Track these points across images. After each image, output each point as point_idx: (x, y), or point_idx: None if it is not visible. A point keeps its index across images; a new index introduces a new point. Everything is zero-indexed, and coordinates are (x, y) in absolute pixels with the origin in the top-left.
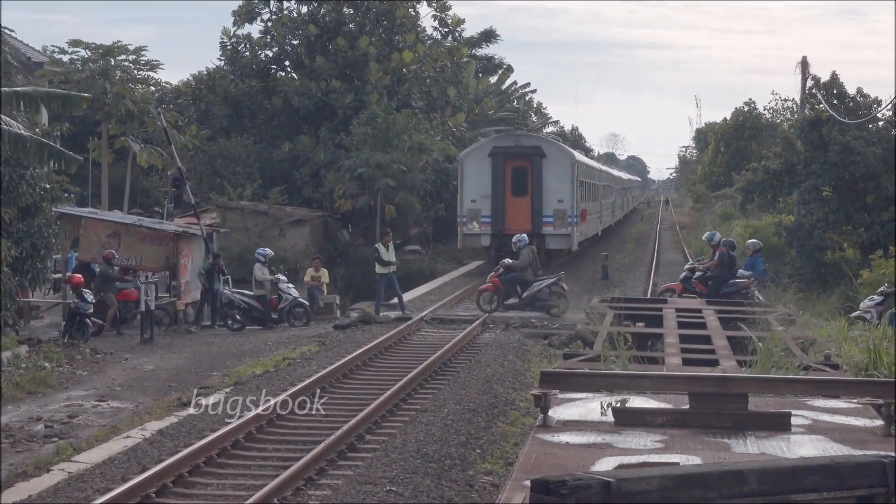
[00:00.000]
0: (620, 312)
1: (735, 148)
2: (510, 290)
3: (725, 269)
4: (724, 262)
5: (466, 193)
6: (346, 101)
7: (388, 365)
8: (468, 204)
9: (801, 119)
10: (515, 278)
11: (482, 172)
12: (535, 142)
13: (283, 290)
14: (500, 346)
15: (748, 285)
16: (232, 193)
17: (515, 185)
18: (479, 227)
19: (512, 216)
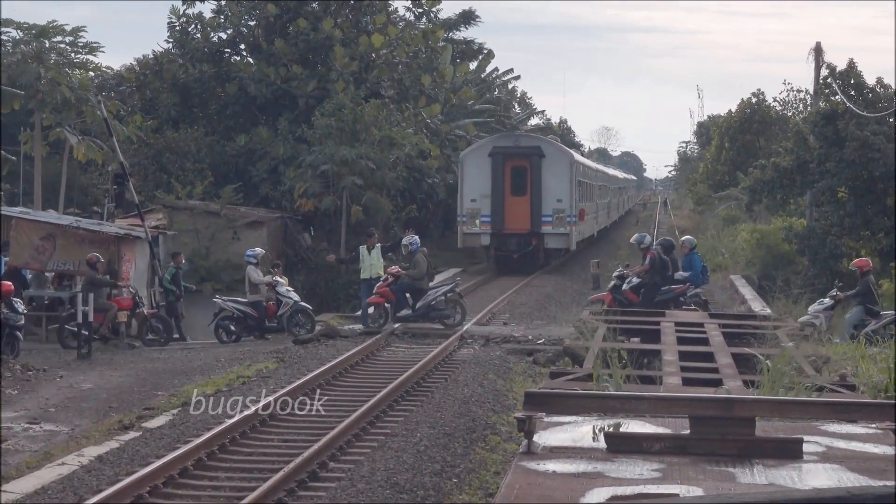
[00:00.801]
0: (614, 326)
1: (741, 144)
2: (402, 300)
3: (658, 275)
4: (655, 266)
5: (466, 193)
6: (309, 90)
7: (355, 384)
8: (468, 203)
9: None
10: (408, 287)
11: (482, 172)
12: (534, 142)
13: (282, 295)
14: (479, 363)
15: (684, 290)
16: (180, 192)
17: (515, 184)
18: (478, 227)
19: (511, 216)
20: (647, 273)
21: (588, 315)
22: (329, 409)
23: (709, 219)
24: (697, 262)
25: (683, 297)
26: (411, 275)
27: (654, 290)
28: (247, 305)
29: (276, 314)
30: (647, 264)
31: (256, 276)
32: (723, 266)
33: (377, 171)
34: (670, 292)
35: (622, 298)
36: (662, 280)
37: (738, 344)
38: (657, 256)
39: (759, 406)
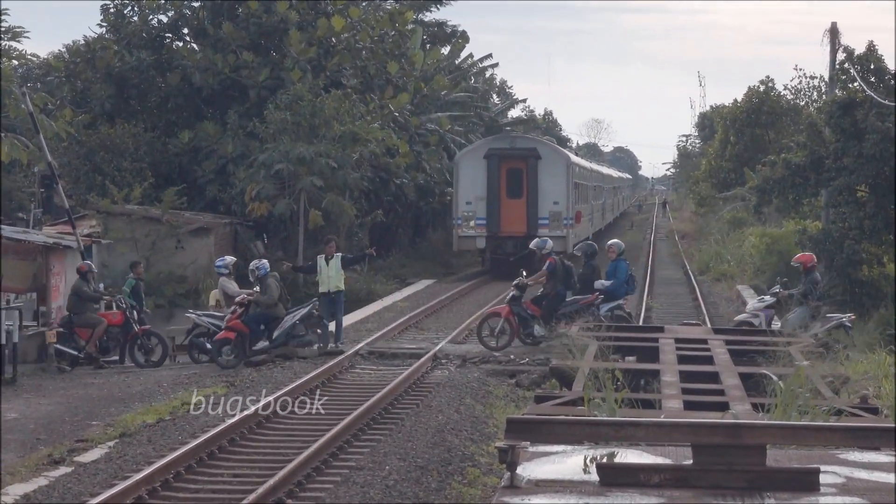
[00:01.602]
0: (607, 343)
1: (749, 137)
2: (256, 331)
3: (560, 283)
4: (556, 274)
5: (461, 195)
6: (261, 80)
7: (315, 410)
8: (463, 206)
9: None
10: (261, 317)
11: (477, 174)
12: (530, 143)
13: None
14: (455, 386)
15: (591, 301)
16: (116, 195)
17: (510, 186)
18: (474, 230)
19: (507, 218)
20: (548, 282)
21: (577, 331)
22: (286, 440)
23: (712, 222)
24: (623, 271)
25: (594, 310)
26: (262, 302)
27: (557, 300)
28: (223, 320)
29: None
30: (545, 271)
31: (234, 288)
32: (728, 275)
33: (338, 170)
34: (575, 303)
35: (521, 311)
36: (565, 289)
37: (746, 363)
38: (558, 263)
39: (770, 432)
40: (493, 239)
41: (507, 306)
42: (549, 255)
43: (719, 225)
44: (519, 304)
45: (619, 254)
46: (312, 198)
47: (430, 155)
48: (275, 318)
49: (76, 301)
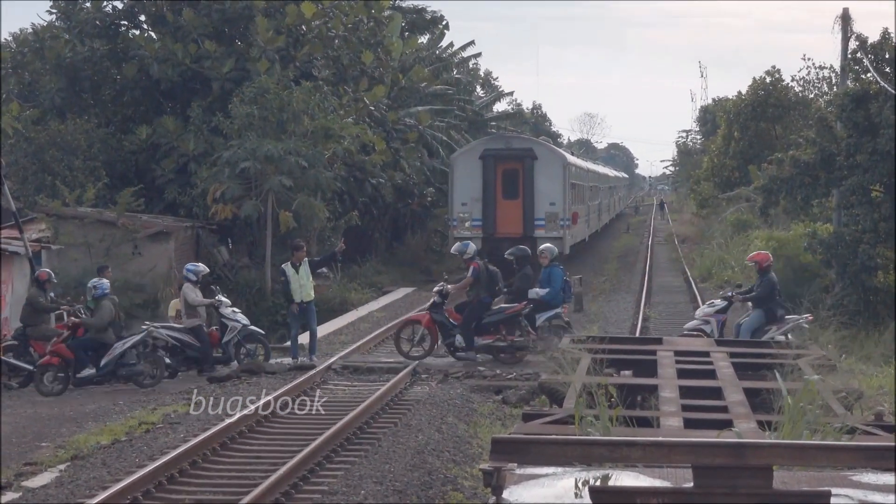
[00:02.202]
0: (600, 357)
1: (754, 133)
2: (82, 358)
3: (484, 290)
4: (480, 280)
5: (457, 196)
6: (225, 71)
7: (284, 431)
8: (458, 207)
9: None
10: (88, 342)
11: (472, 175)
12: (526, 144)
13: (228, 318)
14: (436, 403)
15: (519, 310)
16: (67, 196)
17: (506, 187)
18: (469, 231)
19: (503, 219)
20: (472, 288)
21: (568, 343)
22: (252, 462)
23: (715, 224)
24: (558, 277)
25: (521, 319)
26: (91, 325)
27: (480, 308)
28: (185, 333)
29: (221, 342)
30: (469, 277)
31: (195, 296)
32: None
33: (309, 169)
34: (500, 312)
35: (443, 319)
36: (491, 297)
37: (751, 377)
38: (482, 268)
39: (777, 452)
40: (489, 240)
41: (428, 314)
42: (472, 259)
43: (722, 228)
44: (440, 311)
45: (552, 259)
46: (281, 199)
47: (408, 152)
48: (103, 344)
49: (31, 312)
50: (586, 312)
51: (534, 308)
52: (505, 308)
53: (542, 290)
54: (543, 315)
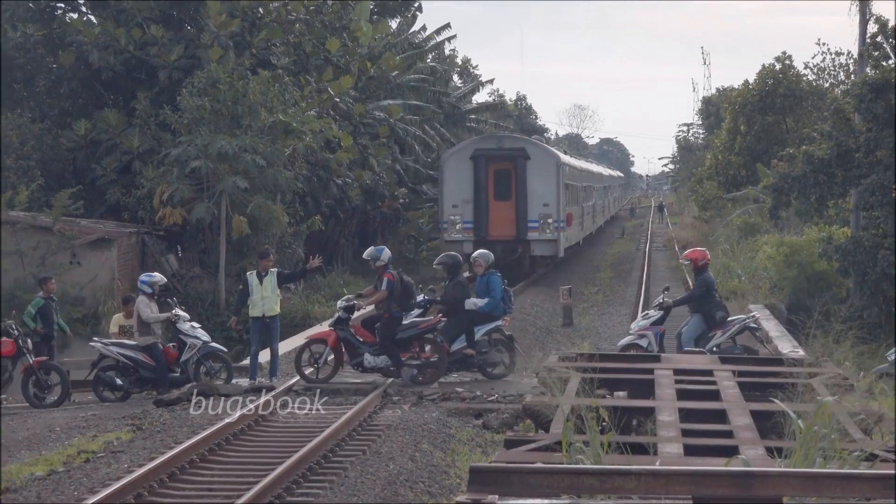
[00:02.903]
0: (591, 376)
1: (762, 126)
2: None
3: (396, 304)
4: (395, 293)
5: (447, 198)
6: (173, 59)
7: (239, 460)
8: (449, 209)
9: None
10: None
11: (463, 176)
12: (518, 143)
13: (187, 334)
14: (409, 429)
15: (433, 324)
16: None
17: (498, 188)
18: (461, 234)
19: (495, 221)
20: (384, 302)
21: (556, 361)
22: (203, 495)
23: (719, 228)
24: (497, 286)
25: (433, 335)
26: None
27: (391, 323)
28: (138, 351)
29: (179, 360)
30: (384, 290)
31: (149, 311)
32: (739, 292)
33: (267, 168)
34: (413, 327)
35: (349, 336)
36: (403, 310)
37: (759, 398)
38: (397, 280)
39: (787, 482)
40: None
41: (333, 331)
42: (386, 269)
43: (727, 232)
44: (346, 328)
45: (488, 267)
46: (236, 201)
47: (378, 149)
48: None
49: None
50: (576, 327)
51: (471, 321)
52: (418, 322)
53: (481, 301)
54: (482, 328)
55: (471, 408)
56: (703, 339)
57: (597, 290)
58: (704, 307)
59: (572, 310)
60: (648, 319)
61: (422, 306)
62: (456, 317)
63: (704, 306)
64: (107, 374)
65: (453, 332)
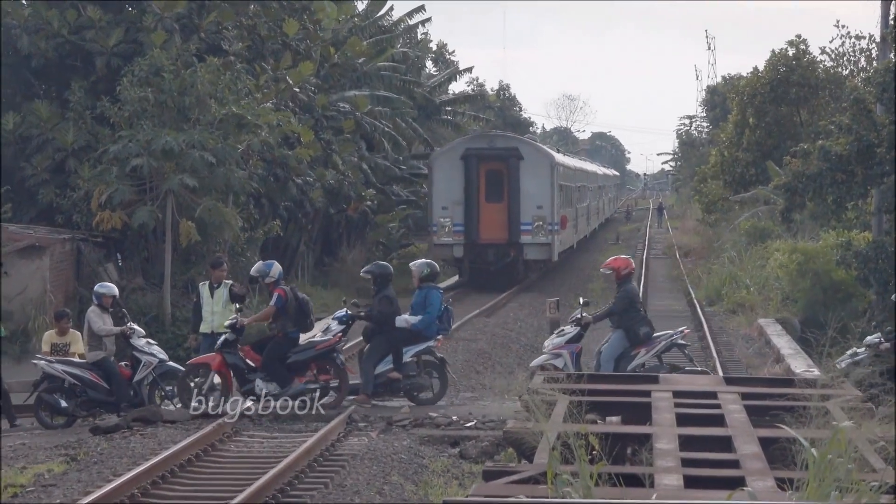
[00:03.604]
0: (580, 399)
1: (774, 119)
2: None
3: (290, 322)
4: (285, 309)
5: (437, 200)
6: (112, 44)
7: (185, 495)
8: (439, 211)
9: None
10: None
11: (454, 176)
12: (511, 142)
13: (142, 351)
14: (377, 458)
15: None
16: None
17: (490, 189)
18: (451, 237)
19: (487, 224)
20: (275, 320)
21: (541, 383)
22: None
23: (725, 233)
24: (436, 301)
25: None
26: None
27: (285, 345)
28: (85, 369)
29: (132, 380)
30: (271, 306)
31: (102, 324)
32: (748, 305)
33: (218, 166)
34: (311, 349)
35: (237, 360)
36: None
37: (768, 423)
38: (289, 295)
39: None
40: (472, 247)
41: (219, 355)
42: (276, 284)
43: (734, 237)
44: (235, 351)
45: (425, 278)
46: (183, 204)
47: (343, 146)
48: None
49: None
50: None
51: (401, 340)
52: (315, 343)
53: (414, 318)
54: (411, 349)
55: (446, 435)
56: (626, 358)
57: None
58: (627, 322)
59: (560, 324)
60: (563, 336)
61: (344, 322)
62: (383, 335)
63: (627, 321)
64: (50, 395)
65: (379, 352)
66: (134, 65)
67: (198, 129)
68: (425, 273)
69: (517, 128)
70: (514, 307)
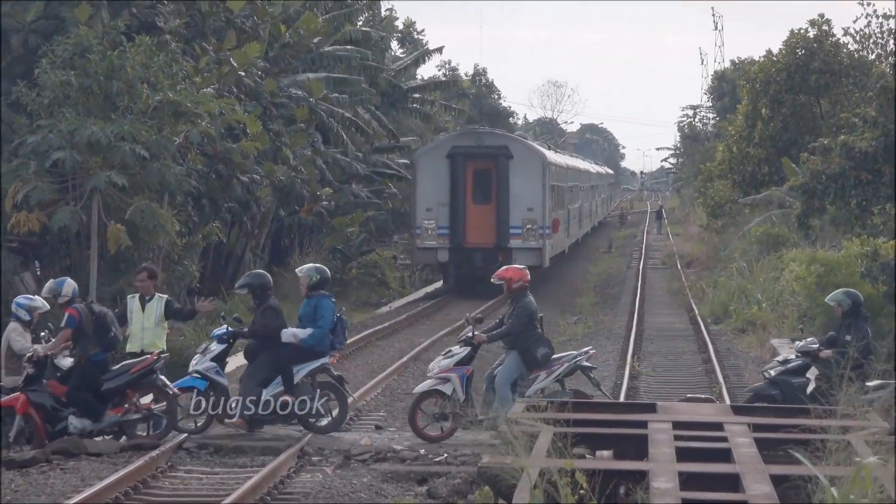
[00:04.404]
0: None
1: (790, 109)
2: None
3: (92, 345)
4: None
5: (420, 201)
6: (29, 20)
7: None
8: (422, 213)
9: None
10: None
11: (439, 176)
12: (500, 140)
13: None
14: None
15: (149, 365)
16: None
17: (477, 190)
18: (435, 241)
19: (474, 227)
20: (77, 345)
21: (521, 411)
22: None
23: (734, 241)
24: (328, 312)
25: (157, 377)
26: None
27: (93, 370)
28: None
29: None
30: (65, 329)
31: (24, 341)
32: (759, 323)
33: (152, 161)
34: (125, 371)
35: (41, 398)
36: (106, 350)
37: (782, 459)
38: (84, 314)
39: None
40: (458, 251)
41: (23, 395)
42: (70, 303)
43: (744, 246)
44: (41, 387)
45: (316, 285)
46: (111, 204)
47: (295, 138)
48: None
49: None
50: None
51: (290, 358)
52: (131, 365)
53: (304, 332)
54: (303, 368)
55: (412, 471)
56: (524, 383)
57: (576, 319)
58: (523, 343)
59: None
60: (451, 358)
61: (223, 342)
62: (268, 353)
63: (523, 342)
64: None
65: (265, 372)
66: (55, 44)
67: (128, 119)
68: (315, 280)
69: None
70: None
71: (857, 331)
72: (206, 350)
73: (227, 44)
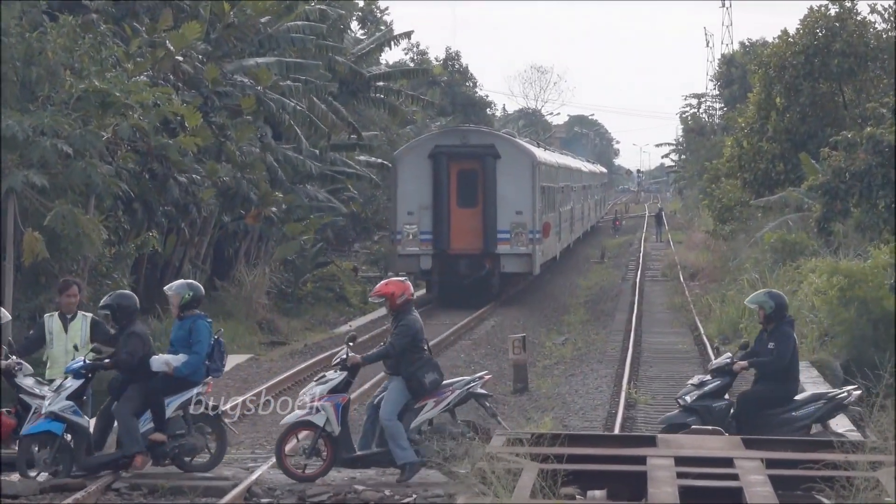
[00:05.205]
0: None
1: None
2: None
3: None
4: None
5: (401, 204)
6: None
7: None
8: (404, 217)
9: None
10: None
11: (421, 177)
12: (486, 139)
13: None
14: None
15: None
16: None
17: (462, 193)
18: (417, 247)
19: (458, 232)
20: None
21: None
22: None
23: (745, 249)
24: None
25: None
26: None
27: None
28: None
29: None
30: None
31: None
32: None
33: (76, 160)
34: None
35: None
36: None
37: (801, 499)
38: None
39: None
40: (442, 258)
41: None
42: None
43: (756, 254)
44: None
45: (189, 304)
46: (29, 209)
47: (241, 132)
48: None
49: None
50: (533, 394)
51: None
52: None
53: (177, 359)
54: (174, 400)
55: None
56: (410, 413)
57: (564, 339)
58: (408, 367)
59: (527, 369)
60: (326, 384)
61: (80, 376)
62: (136, 385)
63: (407, 366)
64: None
65: (132, 406)
66: None
67: (49, 111)
68: (187, 298)
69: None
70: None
71: (781, 337)
72: (60, 388)
73: (163, 24)
